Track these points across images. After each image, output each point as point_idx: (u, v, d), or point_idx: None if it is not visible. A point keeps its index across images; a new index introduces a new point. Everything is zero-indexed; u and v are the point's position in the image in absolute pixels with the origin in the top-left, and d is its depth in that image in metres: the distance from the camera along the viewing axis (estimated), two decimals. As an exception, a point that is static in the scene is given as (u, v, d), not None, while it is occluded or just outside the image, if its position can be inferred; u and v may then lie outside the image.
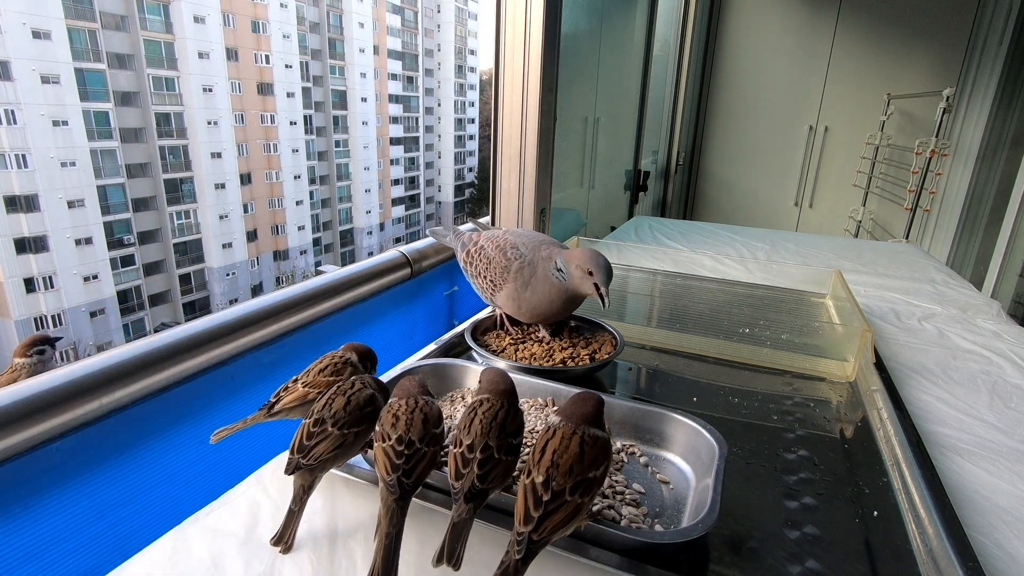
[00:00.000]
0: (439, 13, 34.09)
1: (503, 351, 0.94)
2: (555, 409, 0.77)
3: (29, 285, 17.14)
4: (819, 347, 1.06)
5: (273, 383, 0.67)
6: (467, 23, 35.48)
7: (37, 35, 17.01)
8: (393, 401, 0.58)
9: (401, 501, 0.51)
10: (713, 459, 0.64)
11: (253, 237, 23.66)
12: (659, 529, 0.59)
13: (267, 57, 23.53)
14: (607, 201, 2.58)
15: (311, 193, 26.23)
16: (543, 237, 0.99)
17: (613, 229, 2.37)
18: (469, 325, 1.01)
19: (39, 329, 16.83)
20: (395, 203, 31.71)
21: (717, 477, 0.60)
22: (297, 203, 25.32)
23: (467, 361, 0.87)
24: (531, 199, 1.40)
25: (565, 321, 1.02)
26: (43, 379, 0.61)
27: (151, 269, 20.73)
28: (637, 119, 2.78)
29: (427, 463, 0.54)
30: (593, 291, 0.87)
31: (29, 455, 0.58)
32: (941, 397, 0.98)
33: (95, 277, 18.57)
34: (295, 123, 24.95)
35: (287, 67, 24.34)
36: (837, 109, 3.54)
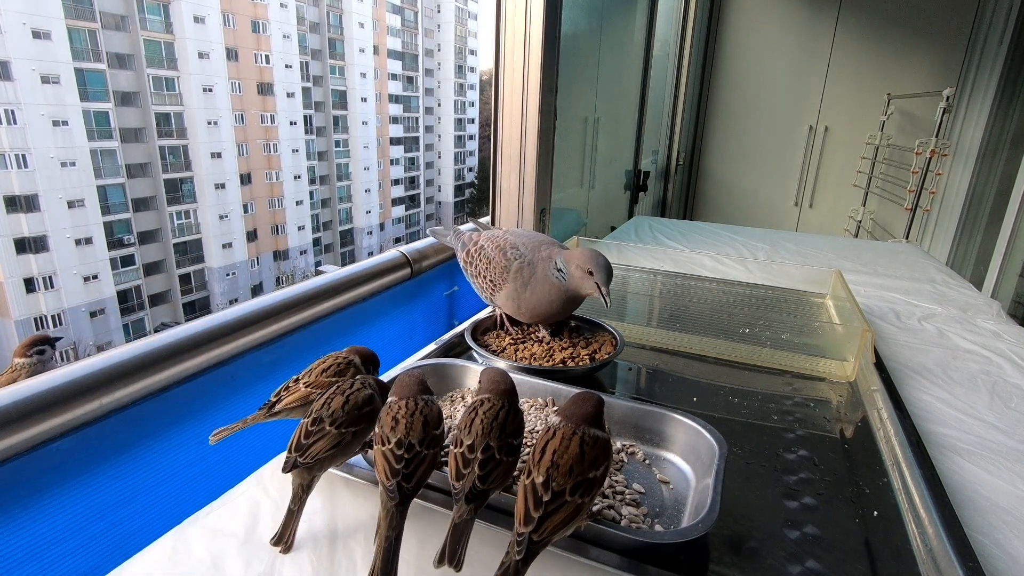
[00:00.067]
0: (439, 13, 34.09)
1: (503, 351, 0.94)
2: (555, 409, 0.77)
3: (29, 285, 17.14)
4: (819, 347, 1.07)
5: (273, 383, 0.67)
6: (467, 23, 35.48)
7: (37, 35, 17.02)
8: (392, 401, 0.58)
9: (401, 506, 0.50)
10: (713, 459, 0.64)
11: (253, 237, 23.67)
12: (659, 529, 0.59)
13: (267, 57, 23.54)
14: (607, 201, 2.58)
15: (311, 193, 26.24)
16: (543, 237, 0.99)
17: (613, 229, 2.37)
18: (469, 325, 1.01)
19: (39, 329, 16.83)
20: (395, 203, 31.72)
21: (717, 477, 0.60)
22: (297, 203, 25.33)
23: (467, 361, 0.87)
24: (531, 199, 1.40)
25: (565, 321, 1.02)
26: (43, 379, 0.61)
27: (151, 269, 20.73)
28: (637, 119, 2.78)
29: (427, 466, 0.54)
30: (594, 291, 0.86)
31: (29, 455, 0.58)
32: (941, 397, 0.98)
33: (95, 277, 18.57)
34: (295, 123, 24.96)
35: (287, 67, 24.35)
36: (837, 109, 3.54)
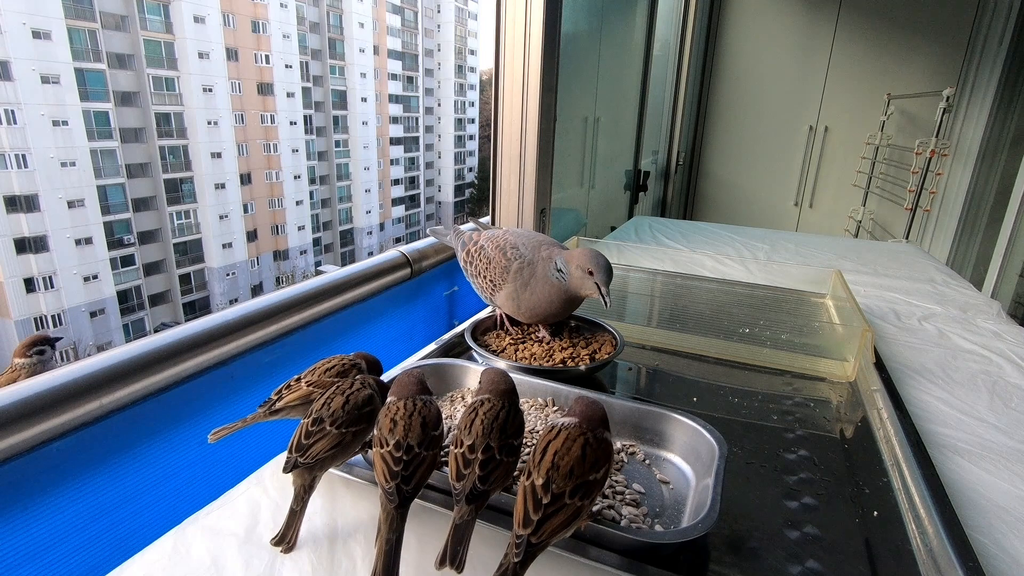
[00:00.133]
0: (439, 13, 34.09)
1: (503, 351, 0.94)
2: (555, 409, 0.77)
3: (29, 285, 17.15)
4: (819, 347, 1.07)
5: (273, 383, 0.67)
6: (467, 23, 35.48)
7: (37, 35, 17.02)
8: (391, 402, 0.58)
9: (401, 508, 0.50)
10: (713, 459, 0.64)
11: (253, 237, 23.67)
12: (659, 529, 0.59)
13: (267, 57, 23.54)
14: (607, 201, 2.58)
15: (311, 193, 26.24)
16: (543, 237, 0.99)
17: (613, 229, 2.37)
18: (469, 325, 1.01)
19: (39, 329, 16.83)
20: (395, 203, 31.72)
21: (717, 477, 0.60)
22: (297, 203, 25.33)
23: (467, 361, 0.87)
24: (531, 199, 1.40)
25: (565, 321, 1.02)
26: (43, 379, 0.61)
27: (151, 269, 20.73)
28: (637, 119, 2.78)
29: (427, 467, 0.53)
30: (594, 291, 0.86)
31: (29, 455, 0.58)
32: (941, 397, 0.98)
33: (95, 277, 18.57)
34: (295, 123, 24.96)
35: (287, 67, 24.35)
36: (837, 109, 3.54)
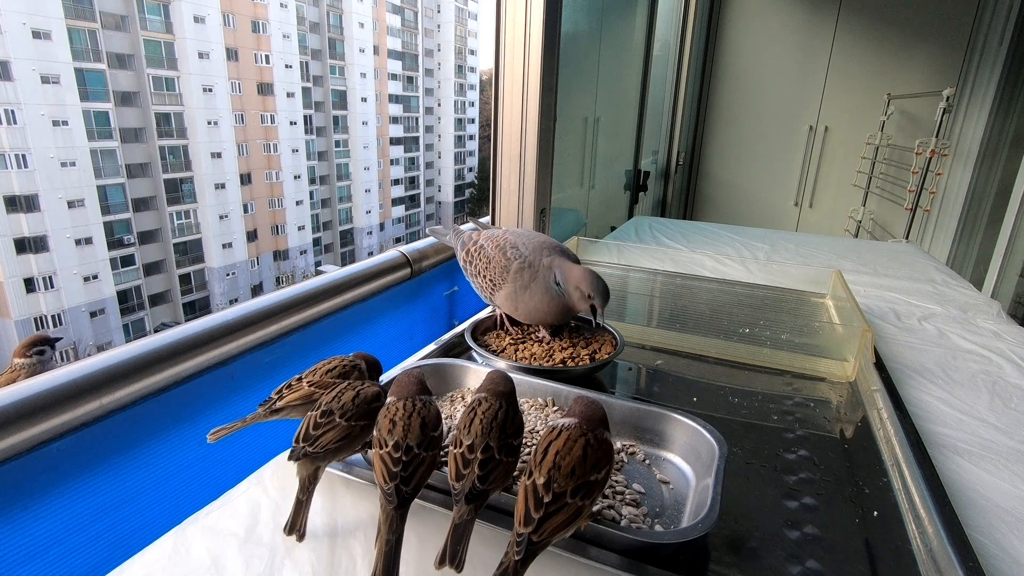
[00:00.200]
0: (439, 13, 34.09)
1: (503, 351, 0.94)
2: (555, 410, 0.77)
3: (29, 285, 17.15)
4: (819, 347, 1.07)
5: (273, 383, 0.67)
6: (467, 23, 35.48)
7: (37, 35, 17.02)
8: (390, 403, 0.58)
9: (400, 509, 0.50)
10: (713, 459, 0.64)
11: (253, 237, 23.67)
12: (659, 529, 0.59)
13: (267, 57, 23.54)
14: (607, 201, 2.58)
15: (311, 193, 26.24)
16: (543, 238, 0.99)
17: (613, 229, 2.37)
18: (469, 325, 1.01)
19: (39, 329, 16.83)
20: (395, 203, 31.72)
21: (717, 477, 0.60)
22: (297, 203, 25.33)
23: (467, 361, 0.87)
24: (531, 199, 1.40)
25: (565, 321, 1.03)
26: (43, 379, 0.61)
27: (151, 269, 20.73)
28: (637, 119, 2.78)
29: (426, 468, 0.53)
30: (589, 312, 0.89)
31: (29, 455, 0.58)
32: (941, 397, 0.98)
33: (95, 277, 18.57)
34: (295, 123, 24.96)
35: (287, 67, 24.35)
36: (837, 109, 3.54)
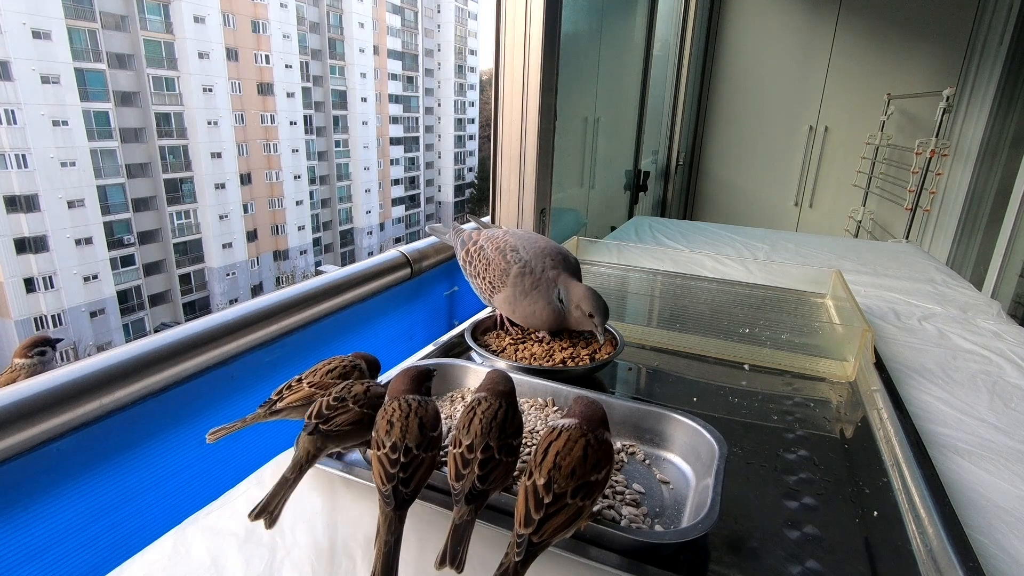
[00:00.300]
0: (439, 13, 34.09)
1: (503, 351, 0.94)
2: (555, 410, 0.77)
3: (29, 285, 17.15)
4: (819, 347, 1.06)
5: (273, 383, 0.67)
6: (467, 23, 35.48)
7: (37, 35, 17.02)
8: (387, 403, 0.58)
9: (399, 511, 0.50)
10: (713, 459, 0.64)
11: (253, 237, 23.67)
12: (659, 529, 0.59)
13: (267, 57, 23.54)
14: (607, 201, 2.58)
15: (311, 193, 26.24)
16: (544, 242, 0.98)
17: (613, 229, 2.37)
18: (469, 325, 1.01)
19: (39, 329, 16.83)
20: (395, 203, 31.72)
21: (717, 477, 0.60)
22: (297, 203, 25.33)
23: (467, 361, 0.87)
24: (531, 199, 1.40)
25: (561, 329, 1.02)
26: (43, 379, 0.61)
27: (151, 269, 20.73)
28: (637, 119, 2.78)
29: (425, 470, 0.53)
30: (590, 328, 0.90)
31: (29, 455, 0.58)
32: (941, 397, 0.98)
33: (95, 277, 18.57)
34: (295, 123, 24.97)
35: (287, 67, 24.35)
36: (837, 109, 3.54)
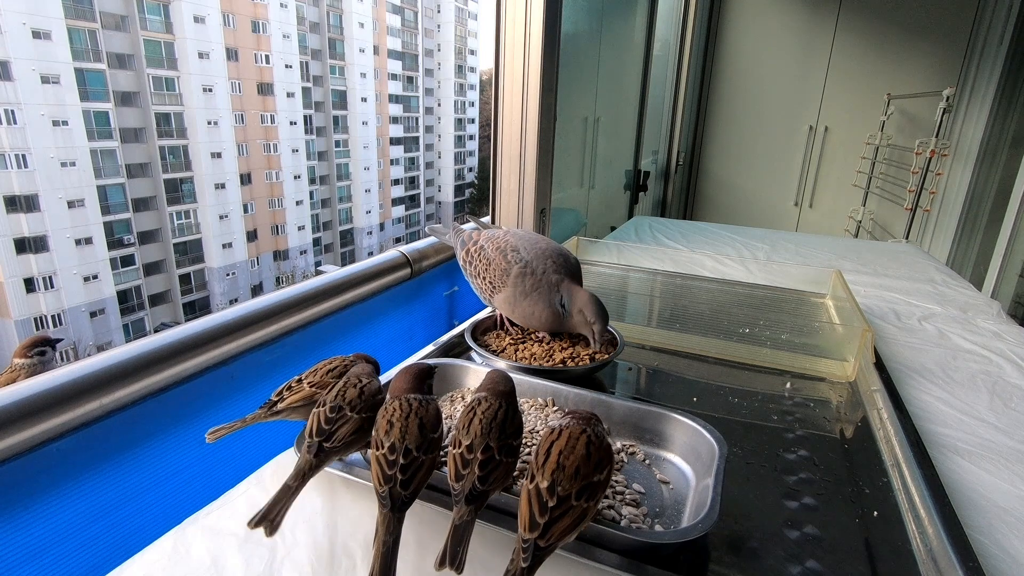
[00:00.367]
0: (439, 13, 34.09)
1: (503, 351, 0.94)
2: (555, 410, 0.77)
3: (29, 285, 17.14)
4: (819, 347, 1.07)
5: (273, 383, 0.67)
6: (467, 23, 35.48)
7: (37, 35, 17.02)
8: (388, 402, 0.57)
9: (396, 512, 0.49)
10: (713, 459, 0.64)
11: (253, 237, 23.67)
12: (659, 529, 0.59)
13: (267, 57, 23.54)
14: (607, 201, 2.58)
15: (311, 193, 26.24)
16: (545, 243, 0.98)
17: (613, 229, 2.37)
18: (469, 325, 1.01)
19: (39, 329, 16.83)
20: (395, 203, 31.72)
21: (717, 477, 0.60)
22: (297, 203, 25.33)
23: (467, 361, 0.87)
24: (531, 199, 1.40)
25: (560, 331, 1.02)
26: (43, 379, 0.61)
27: (151, 269, 20.73)
28: (637, 119, 2.78)
29: (425, 471, 0.53)
30: (589, 334, 0.90)
31: (29, 455, 0.58)
32: (941, 397, 0.98)
33: (95, 277, 18.57)
34: (295, 123, 24.97)
35: (287, 67, 24.35)
36: (837, 109, 3.54)
